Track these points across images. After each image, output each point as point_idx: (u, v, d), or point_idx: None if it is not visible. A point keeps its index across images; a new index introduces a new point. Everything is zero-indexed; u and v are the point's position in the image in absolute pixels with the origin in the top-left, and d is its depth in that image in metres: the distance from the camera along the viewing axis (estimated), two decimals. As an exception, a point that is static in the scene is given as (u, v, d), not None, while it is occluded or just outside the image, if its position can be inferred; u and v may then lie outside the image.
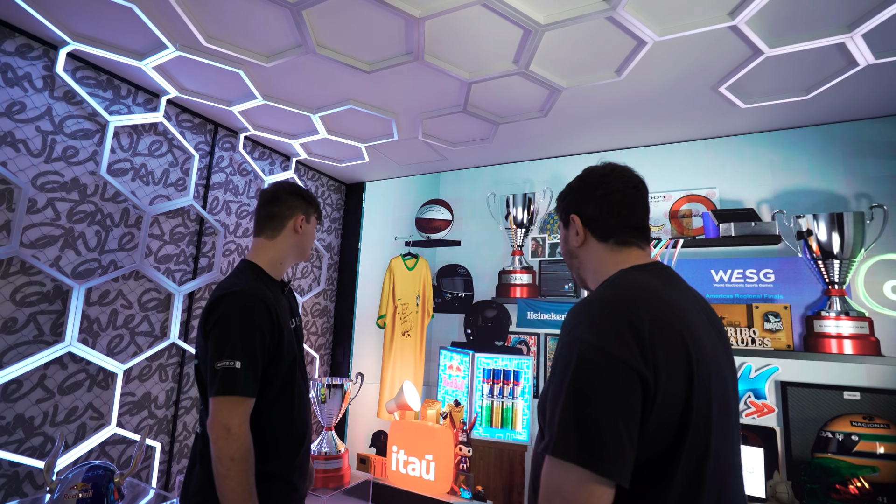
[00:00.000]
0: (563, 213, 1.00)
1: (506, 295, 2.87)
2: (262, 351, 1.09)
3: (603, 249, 0.91)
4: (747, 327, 2.22)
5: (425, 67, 1.90)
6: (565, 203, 0.99)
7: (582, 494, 0.66)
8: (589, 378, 0.70)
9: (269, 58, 1.90)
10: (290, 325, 1.25)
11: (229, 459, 1.00)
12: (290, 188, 1.34)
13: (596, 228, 0.92)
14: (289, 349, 1.19)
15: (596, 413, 0.68)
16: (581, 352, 0.71)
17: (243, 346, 1.06)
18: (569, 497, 0.66)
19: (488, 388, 2.77)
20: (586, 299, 0.80)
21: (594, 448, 0.66)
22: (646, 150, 2.68)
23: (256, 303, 1.10)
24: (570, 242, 0.97)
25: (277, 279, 1.28)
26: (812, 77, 1.88)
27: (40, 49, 1.82)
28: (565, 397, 0.70)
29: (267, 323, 1.11)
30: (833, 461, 2.01)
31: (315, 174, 3.34)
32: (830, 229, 2.09)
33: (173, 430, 2.28)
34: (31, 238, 1.79)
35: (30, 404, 1.77)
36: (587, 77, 1.96)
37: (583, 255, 0.95)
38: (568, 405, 0.69)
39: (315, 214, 1.37)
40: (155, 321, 2.21)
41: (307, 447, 1.30)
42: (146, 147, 2.20)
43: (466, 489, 2.68)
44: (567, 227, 0.98)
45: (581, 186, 0.96)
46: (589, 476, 0.66)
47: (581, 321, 0.75)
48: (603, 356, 0.70)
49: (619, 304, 0.76)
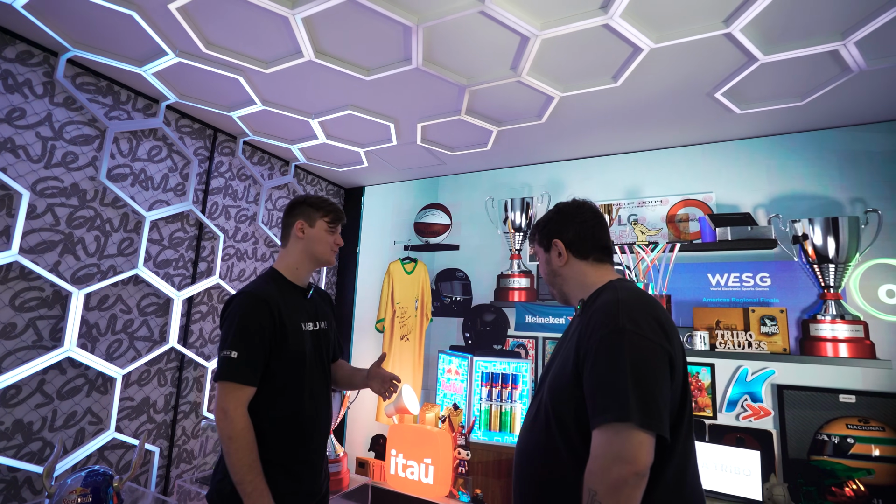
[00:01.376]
0: (543, 240, 1.17)
1: (504, 299, 2.88)
2: (262, 345, 1.19)
3: (584, 266, 1.11)
4: (744, 331, 2.23)
5: (423, 74, 1.92)
6: (545, 230, 1.16)
7: (643, 451, 0.80)
8: (641, 358, 0.85)
9: (268, 64, 1.91)
10: (306, 326, 1.32)
11: (228, 438, 1.12)
12: (299, 198, 1.43)
13: (576, 249, 1.11)
14: (296, 347, 1.27)
15: (650, 385, 0.83)
16: (629, 338, 0.87)
17: (242, 339, 1.18)
18: (630, 457, 0.79)
19: (487, 392, 2.78)
20: (610, 300, 0.95)
21: (652, 414, 0.81)
22: (643, 155, 2.70)
23: (259, 302, 1.22)
24: (552, 264, 1.14)
25: (298, 284, 1.37)
26: (806, 83, 1.90)
27: (41, 55, 1.83)
28: (624, 374, 0.84)
29: (267, 320, 1.21)
30: (829, 463, 2.02)
31: (314, 179, 3.36)
32: (826, 234, 2.11)
33: (172, 434, 2.28)
34: (30, 243, 1.79)
35: (28, 409, 1.77)
36: (584, 83, 1.98)
37: (566, 273, 1.12)
38: (628, 380, 0.83)
39: (322, 217, 1.37)
40: (154, 326, 2.22)
41: (318, 445, 1.31)
42: (146, 152, 2.21)
43: (465, 492, 2.69)
44: (548, 251, 1.15)
45: (559, 217, 1.15)
46: (647, 438, 0.81)
47: (618, 314, 0.90)
48: (646, 341, 0.87)
49: (641, 303, 0.94)
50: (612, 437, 0.81)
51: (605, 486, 0.79)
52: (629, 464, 0.79)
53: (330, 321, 1.46)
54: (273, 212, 2.98)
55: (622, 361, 0.85)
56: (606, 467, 0.80)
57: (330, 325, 1.45)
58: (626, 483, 0.78)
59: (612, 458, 0.80)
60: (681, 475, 0.90)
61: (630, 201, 2.68)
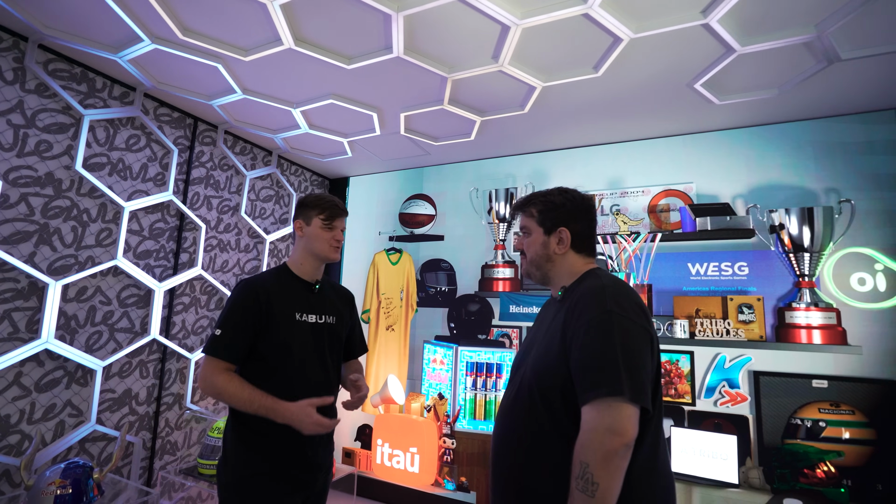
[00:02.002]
0: (549, 223, 1.14)
1: (488, 289, 2.89)
2: (244, 327, 1.30)
3: (577, 258, 1.13)
4: (722, 319, 2.28)
5: (404, 63, 1.90)
6: (553, 215, 1.14)
7: (631, 424, 0.86)
8: (628, 337, 0.92)
9: (247, 52, 1.88)
10: (303, 317, 1.37)
11: (218, 395, 1.27)
12: (300, 197, 1.52)
13: (579, 243, 1.13)
14: (284, 335, 1.33)
15: (636, 362, 0.90)
16: (617, 320, 0.93)
17: (227, 319, 1.31)
18: (621, 429, 0.85)
19: (471, 381, 2.81)
20: (595, 286, 1.01)
21: (639, 389, 0.88)
22: (625, 146, 2.72)
23: (248, 289, 1.34)
24: (549, 248, 1.14)
25: (305, 278, 1.44)
26: (783, 74, 1.93)
27: (10, 40, 1.78)
28: (614, 352, 0.89)
29: (253, 305, 1.31)
30: (802, 447, 2.08)
31: (298, 169, 3.33)
32: (801, 223, 2.15)
33: (155, 426, 2.27)
34: (3, 234, 1.76)
35: (5, 402, 1.75)
36: (566, 73, 1.98)
37: (559, 261, 1.14)
38: (618, 357, 0.89)
39: (318, 214, 1.42)
40: (135, 317, 2.20)
41: (308, 437, 1.31)
42: (123, 141, 2.17)
43: (451, 481, 2.72)
44: (549, 234, 1.14)
45: (570, 206, 1.14)
46: (635, 410, 0.87)
47: (605, 299, 0.96)
48: (631, 322, 0.94)
49: (625, 289, 1.00)
50: (605, 411, 0.86)
51: (597, 458, 0.84)
52: (619, 435, 0.84)
53: (342, 318, 1.49)
54: (256, 202, 2.96)
55: (611, 341, 0.91)
56: (599, 440, 0.85)
57: (341, 321, 1.48)
58: (617, 454, 0.84)
59: (604, 431, 0.85)
60: (654, 447, 0.96)
61: (612, 191, 2.71)
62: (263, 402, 1.24)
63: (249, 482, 1.27)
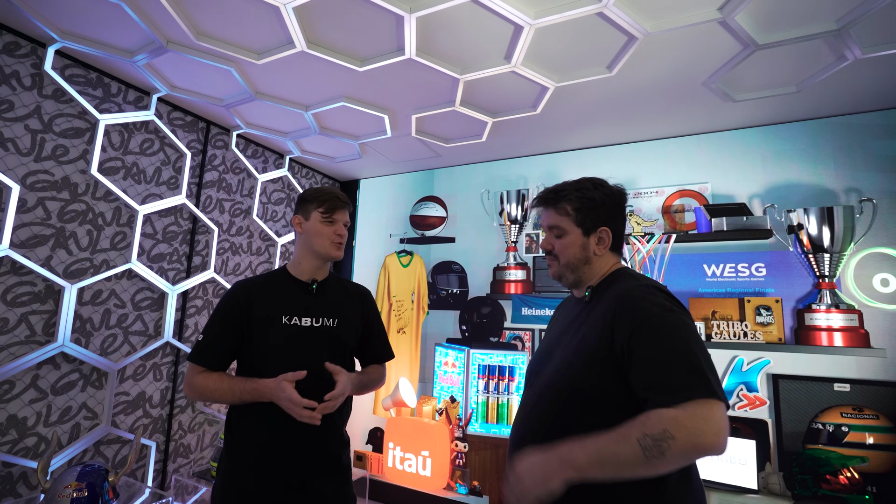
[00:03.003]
0: (589, 223, 1.05)
1: (500, 291, 2.87)
2: (222, 332, 1.28)
3: (611, 257, 1.07)
4: (739, 321, 2.24)
5: (417, 64, 1.90)
6: (594, 214, 1.05)
7: (725, 421, 0.80)
8: (695, 336, 0.87)
9: (260, 55, 1.89)
10: (293, 320, 1.28)
11: (200, 395, 1.26)
12: (299, 194, 1.49)
13: (616, 243, 1.07)
14: (267, 339, 1.27)
15: (708, 359, 0.85)
16: (679, 318, 0.88)
17: (209, 325, 1.29)
18: (718, 428, 0.78)
19: (484, 384, 2.78)
20: (634, 286, 0.96)
21: (719, 385, 0.82)
22: (638, 146, 2.69)
23: (231, 293, 1.31)
24: (588, 249, 1.06)
25: (302, 278, 1.36)
26: (802, 72, 1.89)
27: (28, 47, 1.80)
28: (693, 352, 0.84)
29: (233, 310, 1.28)
30: (823, 452, 2.03)
31: (309, 172, 3.34)
32: (820, 223, 2.11)
33: (168, 429, 2.28)
34: (21, 238, 1.78)
35: (23, 405, 1.77)
36: (579, 73, 1.96)
37: (596, 262, 1.06)
38: (699, 358, 0.83)
39: (316, 208, 1.33)
40: (149, 320, 2.21)
41: (297, 449, 1.23)
42: (137, 145, 2.19)
43: (463, 484, 2.70)
44: (588, 235, 1.06)
45: (611, 203, 1.06)
46: (724, 407, 0.81)
47: (656, 298, 0.92)
48: (690, 318, 0.91)
49: (664, 287, 0.96)
50: (704, 409, 0.79)
51: (686, 439, 0.76)
52: (717, 435, 0.77)
53: (348, 320, 1.36)
54: (268, 205, 2.97)
55: (684, 340, 0.85)
56: (698, 427, 0.77)
57: (346, 324, 1.36)
58: (704, 446, 0.77)
59: (704, 422, 0.77)
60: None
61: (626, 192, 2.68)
62: (243, 385, 1.21)
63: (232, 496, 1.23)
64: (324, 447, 1.28)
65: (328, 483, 1.28)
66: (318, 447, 1.27)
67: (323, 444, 1.28)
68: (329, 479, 1.28)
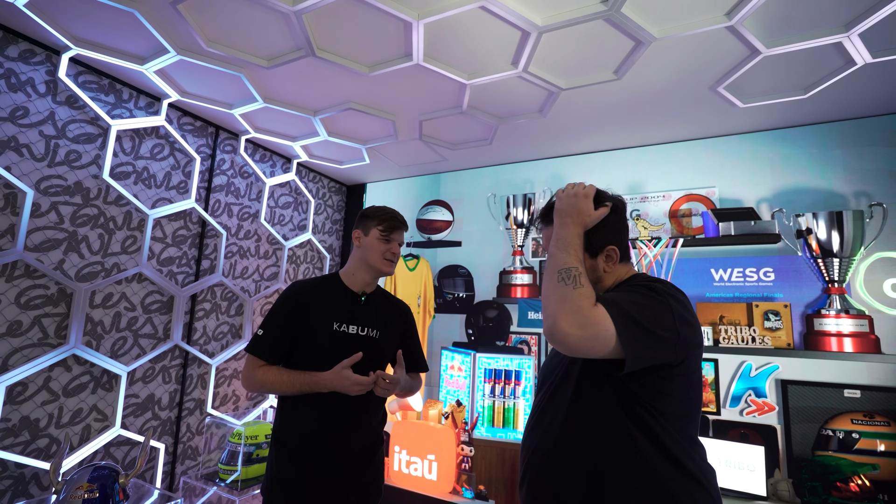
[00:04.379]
0: (596, 244, 1.06)
1: (507, 295, 2.87)
2: (281, 329, 1.35)
3: (623, 267, 1.08)
4: (747, 326, 2.22)
5: (424, 70, 1.91)
6: (600, 235, 1.05)
7: (606, 328, 0.86)
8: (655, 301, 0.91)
9: (269, 61, 1.91)
10: (342, 328, 1.37)
11: (260, 387, 1.32)
12: (361, 210, 1.54)
13: (624, 254, 1.08)
14: (317, 342, 1.35)
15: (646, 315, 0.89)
16: (658, 293, 0.93)
17: (268, 321, 1.37)
18: (599, 327, 0.86)
19: (490, 388, 2.78)
20: (646, 280, 1.00)
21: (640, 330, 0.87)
22: (645, 150, 2.69)
23: (290, 293, 1.39)
24: (599, 269, 1.06)
25: (353, 289, 1.45)
26: (810, 76, 1.89)
27: (43, 54, 1.83)
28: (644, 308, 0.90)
29: (291, 310, 1.36)
30: (834, 459, 2.01)
31: (316, 176, 3.36)
32: (830, 228, 2.10)
33: (177, 431, 2.29)
34: (35, 241, 1.80)
35: (35, 406, 1.79)
36: (586, 78, 1.97)
37: (607, 278, 1.07)
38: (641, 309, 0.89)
39: (377, 226, 1.44)
40: (158, 323, 2.23)
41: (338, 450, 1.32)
42: (148, 150, 2.22)
43: (469, 489, 2.69)
44: (596, 256, 1.06)
45: (613, 219, 1.07)
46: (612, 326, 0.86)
47: (651, 282, 0.97)
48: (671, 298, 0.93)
49: (674, 286, 0.99)
50: (605, 314, 0.86)
51: (580, 303, 0.87)
52: (588, 329, 0.85)
53: (389, 333, 1.48)
54: (276, 209, 2.99)
55: (641, 297, 0.92)
56: (585, 312, 0.86)
57: (387, 336, 1.46)
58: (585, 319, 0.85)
59: (591, 317, 0.86)
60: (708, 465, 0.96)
61: (632, 196, 2.67)
62: (302, 378, 1.28)
63: (280, 487, 1.30)
64: (360, 440, 1.38)
65: (364, 472, 1.38)
66: (355, 439, 1.37)
67: (360, 437, 1.38)
68: (365, 470, 1.39)
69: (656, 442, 0.89)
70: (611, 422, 0.92)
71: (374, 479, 1.43)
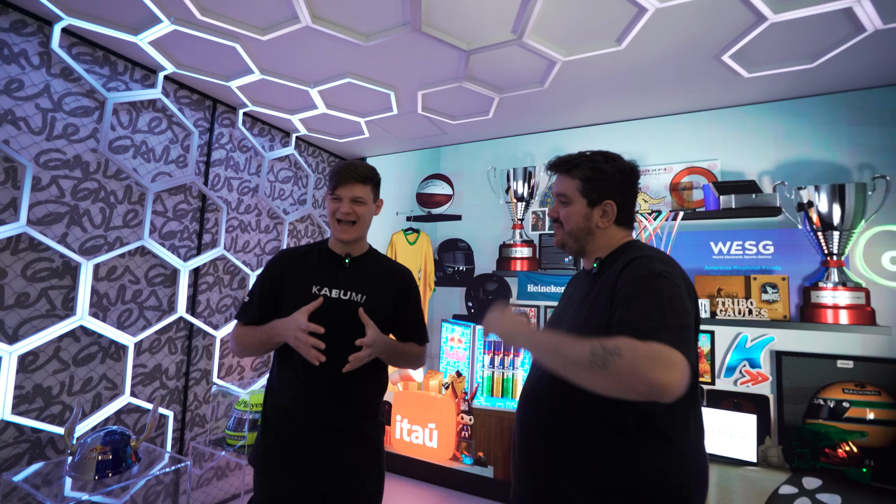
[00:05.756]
0: (595, 194, 1.06)
1: (506, 268, 2.90)
2: (263, 294, 1.35)
3: (617, 231, 1.08)
4: (745, 298, 2.24)
5: (423, 38, 1.88)
6: (601, 186, 1.05)
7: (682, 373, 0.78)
8: (681, 302, 0.88)
9: (264, 31, 1.88)
10: (322, 291, 1.30)
11: (240, 350, 1.33)
12: None
13: (623, 217, 1.07)
14: (292, 306, 1.26)
15: (688, 324, 0.86)
16: (670, 282, 0.90)
17: (252, 287, 1.38)
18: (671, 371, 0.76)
19: (489, 360, 2.84)
20: (640, 256, 0.96)
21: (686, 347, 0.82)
22: (647, 122, 2.65)
23: (273, 260, 1.39)
24: (592, 221, 1.07)
25: (337, 252, 1.39)
26: (818, 44, 1.84)
27: (34, 25, 1.81)
28: (671, 312, 0.85)
29: (272, 274, 1.35)
30: (823, 427, 2.06)
31: (315, 150, 3.34)
32: (831, 200, 2.09)
33: (185, 399, 2.37)
34: (37, 215, 1.82)
35: (47, 375, 1.85)
36: (587, 46, 1.93)
37: (599, 234, 1.07)
38: (678, 318, 0.85)
39: (328, 186, 1.36)
40: (162, 296, 2.27)
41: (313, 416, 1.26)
42: (146, 124, 2.21)
43: (468, 455, 2.79)
44: (593, 206, 1.06)
45: (619, 176, 1.06)
46: (686, 364, 0.79)
47: (654, 265, 0.93)
48: (679, 289, 0.90)
49: (671, 260, 0.98)
50: (668, 354, 0.77)
51: (632, 364, 0.76)
52: (666, 378, 0.74)
53: (379, 297, 1.35)
54: (275, 184, 2.99)
55: (660, 297, 0.86)
56: (652, 362, 0.75)
57: (376, 300, 1.34)
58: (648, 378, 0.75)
59: (661, 366, 0.75)
60: (699, 432, 0.97)
61: (634, 170, 2.65)
62: (263, 328, 1.27)
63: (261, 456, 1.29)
64: (344, 413, 1.28)
65: (346, 450, 1.28)
66: (338, 412, 1.27)
67: (344, 410, 1.28)
68: (351, 446, 1.29)
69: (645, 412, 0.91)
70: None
71: (369, 458, 1.32)
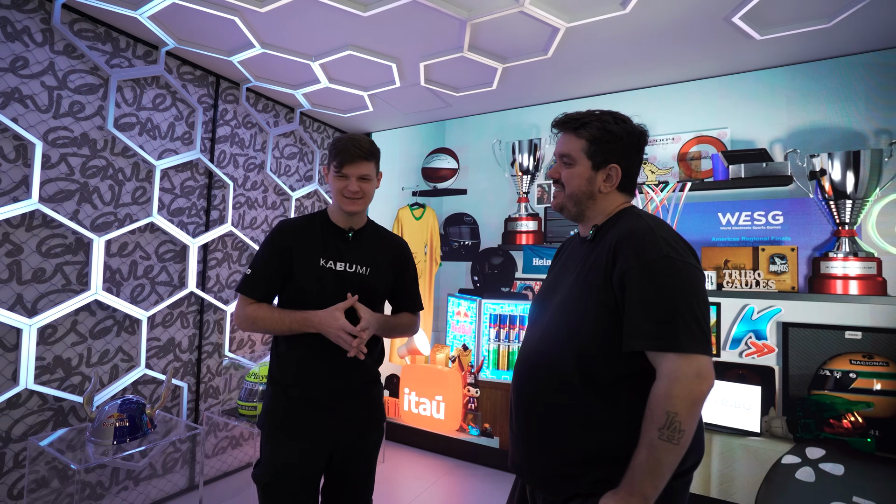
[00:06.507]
0: (600, 157, 1.01)
1: (512, 242, 2.89)
2: (267, 267, 1.33)
3: (619, 197, 1.04)
4: (752, 269, 2.21)
5: (421, 7, 1.84)
6: (608, 148, 1.01)
7: (709, 369, 0.84)
8: (692, 285, 0.87)
9: (262, 2, 1.86)
10: (328, 264, 1.33)
11: (252, 324, 1.30)
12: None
13: (626, 183, 1.03)
14: (301, 279, 1.31)
15: (705, 313, 0.88)
16: (678, 266, 0.87)
17: (256, 259, 1.35)
18: (707, 373, 0.84)
19: (495, 333, 2.87)
20: (640, 227, 0.93)
21: (709, 340, 0.87)
22: (654, 91, 2.58)
23: (277, 231, 1.36)
24: (595, 185, 1.02)
25: (340, 225, 1.39)
26: (835, 2, 1.76)
27: (35, 1, 1.81)
28: (685, 304, 0.85)
29: (278, 247, 1.33)
30: (829, 398, 2.05)
31: (320, 126, 3.33)
32: (845, 168, 2.02)
33: (198, 372, 2.45)
34: (49, 192, 1.87)
35: (66, 347, 1.92)
36: (590, 11, 1.87)
37: (600, 199, 1.03)
38: (693, 309, 0.85)
39: (332, 162, 1.35)
40: (173, 271, 2.33)
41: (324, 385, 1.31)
42: (150, 101, 2.22)
43: (475, 427, 2.85)
44: (597, 169, 1.02)
45: (627, 139, 1.01)
46: (707, 359, 0.85)
47: (657, 242, 0.89)
48: (691, 267, 0.89)
49: (671, 230, 0.94)
50: (687, 359, 0.83)
51: (686, 405, 0.82)
52: (706, 380, 0.83)
53: (380, 269, 1.40)
54: (281, 160, 3.00)
55: (678, 290, 0.86)
56: (688, 387, 0.82)
57: (378, 272, 1.39)
58: (704, 398, 0.84)
59: (693, 377, 0.83)
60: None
61: (641, 140, 2.60)
62: (294, 316, 1.26)
63: (273, 417, 1.32)
64: (351, 379, 1.34)
65: (354, 413, 1.35)
66: (346, 378, 1.33)
67: (351, 376, 1.34)
68: (355, 403, 1.36)
69: None
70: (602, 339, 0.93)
71: (371, 414, 1.41)
